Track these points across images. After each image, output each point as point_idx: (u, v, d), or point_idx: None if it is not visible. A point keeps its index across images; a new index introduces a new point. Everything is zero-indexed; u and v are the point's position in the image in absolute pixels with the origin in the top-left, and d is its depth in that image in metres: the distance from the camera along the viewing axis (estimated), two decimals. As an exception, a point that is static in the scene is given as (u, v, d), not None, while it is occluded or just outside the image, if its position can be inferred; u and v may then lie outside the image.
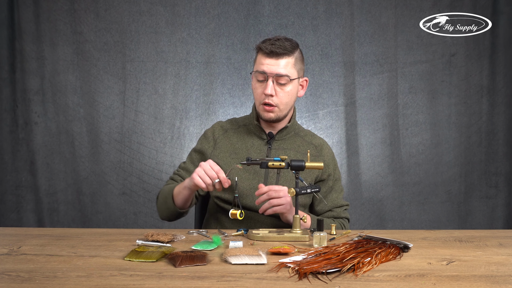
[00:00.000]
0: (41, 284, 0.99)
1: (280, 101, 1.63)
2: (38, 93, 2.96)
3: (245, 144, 1.71)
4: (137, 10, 2.98)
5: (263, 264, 1.12)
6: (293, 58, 1.62)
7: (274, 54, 1.59)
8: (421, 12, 2.99)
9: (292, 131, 1.75)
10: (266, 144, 1.71)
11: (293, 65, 1.62)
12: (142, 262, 1.14)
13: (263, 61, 1.61)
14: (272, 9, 3.00)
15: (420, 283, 1.00)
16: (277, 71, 1.59)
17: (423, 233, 1.52)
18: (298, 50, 1.66)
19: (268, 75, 1.60)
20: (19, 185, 2.99)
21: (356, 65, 3.01)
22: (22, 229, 1.71)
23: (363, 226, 3.01)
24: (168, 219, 1.74)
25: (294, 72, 1.63)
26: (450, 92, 3.02)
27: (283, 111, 1.66)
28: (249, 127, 1.75)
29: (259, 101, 1.65)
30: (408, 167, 3.02)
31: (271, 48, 1.59)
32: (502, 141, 3.01)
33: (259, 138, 1.73)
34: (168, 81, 3.01)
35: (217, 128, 1.79)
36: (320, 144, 1.77)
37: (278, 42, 1.60)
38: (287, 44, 1.61)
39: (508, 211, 3.03)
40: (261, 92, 1.62)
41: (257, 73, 1.63)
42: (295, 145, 1.73)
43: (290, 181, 1.66)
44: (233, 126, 1.79)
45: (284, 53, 1.60)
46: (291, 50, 1.61)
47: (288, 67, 1.61)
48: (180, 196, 1.63)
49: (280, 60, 1.60)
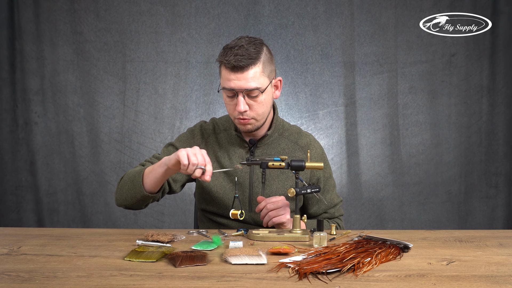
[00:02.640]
0: (41, 284, 0.99)
1: (256, 113, 1.52)
2: (38, 93, 2.96)
3: (227, 152, 1.64)
4: (137, 10, 2.98)
5: (263, 264, 1.12)
6: (260, 65, 1.48)
7: (238, 68, 1.45)
8: (421, 12, 2.99)
9: (276, 133, 1.65)
10: (247, 152, 1.63)
11: (261, 73, 1.48)
12: (142, 262, 1.14)
13: (229, 76, 1.47)
14: (272, 9, 2.99)
15: (420, 283, 1.00)
16: (246, 86, 1.46)
17: (423, 233, 1.52)
18: (264, 50, 1.51)
19: (237, 91, 1.48)
20: (19, 185, 2.99)
21: (356, 65, 3.01)
22: (22, 229, 1.71)
23: (363, 226, 3.01)
24: (127, 204, 1.55)
25: (265, 80, 1.50)
26: (450, 92, 3.02)
27: (261, 121, 1.56)
28: (230, 133, 1.66)
29: (233, 116, 1.55)
30: (408, 167, 3.02)
31: (233, 63, 1.44)
32: (502, 141, 3.01)
33: (240, 147, 1.64)
34: (168, 81, 3.01)
35: (202, 131, 1.69)
36: (306, 144, 1.67)
37: (240, 50, 1.45)
38: (251, 49, 1.46)
39: (508, 211, 3.03)
40: (233, 108, 1.51)
41: (225, 90, 1.50)
42: (279, 148, 1.64)
43: (283, 181, 1.63)
44: (215, 130, 1.69)
45: (249, 63, 1.45)
46: (256, 56, 1.47)
47: (256, 77, 1.47)
48: (152, 174, 1.47)
49: (246, 73, 1.45)
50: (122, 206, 1.58)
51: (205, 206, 1.67)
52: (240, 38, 1.51)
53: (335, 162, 3.02)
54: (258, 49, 1.49)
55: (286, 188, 1.61)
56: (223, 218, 1.65)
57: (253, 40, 1.50)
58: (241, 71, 1.46)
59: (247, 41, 1.48)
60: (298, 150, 1.66)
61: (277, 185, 1.62)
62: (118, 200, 1.58)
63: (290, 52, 3.00)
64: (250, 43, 1.48)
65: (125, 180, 1.55)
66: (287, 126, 1.71)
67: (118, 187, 1.58)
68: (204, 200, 1.67)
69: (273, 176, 1.62)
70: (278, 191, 1.61)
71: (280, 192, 1.60)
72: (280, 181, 1.62)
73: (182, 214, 2.97)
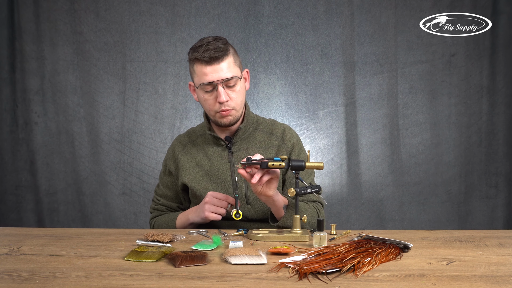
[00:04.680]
0: (41, 284, 0.99)
1: (236, 103, 1.60)
2: (38, 93, 2.96)
3: (205, 154, 1.70)
4: (137, 10, 2.98)
5: (263, 264, 1.12)
6: (231, 56, 1.58)
7: (214, 59, 1.53)
8: (421, 12, 2.99)
9: (250, 127, 1.71)
10: (225, 150, 1.69)
11: (233, 63, 1.58)
12: (142, 262, 1.14)
13: (205, 70, 1.54)
14: (272, 9, 2.99)
15: (420, 283, 1.00)
16: (224, 76, 1.55)
17: (423, 233, 1.52)
18: (229, 44, 1.61)
19: (216, 83, 1.55)
20: (19, 185, 2.99)
21: (356, 65, 3.01)
22: (22, 229, 1.71)
23: (363, 226, 3.01)
24: None
25: (238, 70, 1.60)
26: (450, 92, 3.02)
27: (239, 111, 1.64)
28: (206, 136, 1.73)
29: (214, 111, 1.61)
30: (408, 167, 3.02)
31: (209, 55, 1.52)
32: (502, 141, 3.01)
33: (217, 145, 1.70)
34: (168, 81, 3.01)
35: (176, 145, 1.77)
36: (281, 132, 1.72)
37: (210, 45, 1.54)
38: (219, 43, 1.55)
39: (508, 211, 3.03)
40: (213, 102, 1.58)
41: (203, 86, 1.56)
42: (255, 141, 1.70)
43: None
44: (191, 138, 1.77)
45: (222, 54, 1.54)
46: (226, 48, 1.56)
47: (230, 67, 1.56)
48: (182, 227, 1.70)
49: (221, 64, 1.54)
50: None
51: None
52: (204, 38, 1.59)
53: (335, 162, 3.02)
54: (225, 43, 1.58)
55: None
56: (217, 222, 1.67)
57: (217, 37, 1.59)
58: (216, 62, 1.54)
59: (213, 38, 1.58)
60: (274, 140, 1.70)
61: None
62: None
63: (290, 52, 3.00)
64: (216, 40, 1.57)
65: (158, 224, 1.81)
66: (261, 119, 1.78)
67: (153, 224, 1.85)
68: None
69: None
70: None
71: None
72: None
73: (182, 214, 2.97)
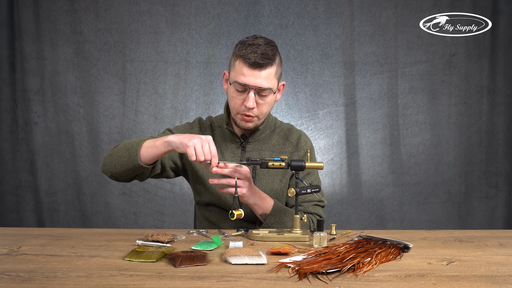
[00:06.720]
0: (41, 284, 0.99)
1: (260, 112, 1.56)
2: (38, 93, 2.96)
3: (219, 147, 1.66)
4: (137, 10, 2.98)
5: (263, 264, 1.12)
6: (275, 67, 1.52)
7: (257, 65, 1.48)
8: (421, 12, 2.99)
9: (268, 130, 1.69)
10: (239, 148, 1.66)
11: (274, 75, 1.53)
12: (142, 262, 1.14)
13: (245, 71, 1.49)
14: (272, 9, 2.99)
15: (420, 283, 1.00)
16: (260, 84, 1.49)
17: (423, 233, 1.52)
18: (278, 53, 1.55)
19: (250, 88, 1.50)
20: (19, 185, 2.99)
21: (356, 65, 3.01)
22: (22, 229, 1.71)
23: (363, 226, 3.01)
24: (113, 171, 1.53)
25: (275, 82, 1.55)
26: (450, 92, 3.02)
27: (261, 120, 1.61)
28: (223, 129, 1.69)
29: (236, 111, 1.57)
30: (408, 167, 3.02)
31: (254, 59, 1.47)
32: (502, 141, 3.01)
33: (232, 142, 1.67)
34: (168, 81, 3.01)
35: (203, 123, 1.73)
36: (296, 139, 1.70)
37: (259, 49, 1.48)
38: (269, 50, 1.50)
39: (508, 211, 3.03)
40: (240, 103, 1.54)
41: (237, 84, 1.52)
42: (270, 144, 1.67)
43: (273, 176, 1.63)
44: (212, 126, 1.72)
45: (267, 63, 1.49)
46: (273, 56, 1.51)
47: (270, 78, 1.51)
48: (151, 149, 1.46)
49: (262, 72, 1.49)
50: (107, 173, 1.55)
51: (198, 198, 1.68)
52: (256, 37, 1.53)
53: (335, 162, 3.02)
54: (274, 51, 1.53)
55: (275, 183, 1.63)
56: (217, 218, 1.66)
57: (269, 42, 1.53)
58: (259, 69, 1.49)
59: (264, 42, 1.52)
60: (288, 146, 1.68)
61: (267, 179, 1.63)
62: (105, 166, 1.55)
63: (290, 52, 3.00)
64: (267, 44, 1.51)
65: (119, 147, 1.53)
66: (279, 123, 1.75)
67: (109, 153, 1.56)
68: (198, 192, 1.68)
69: (264, 171, 1.64)
70: (267, 186, 1.62)
71: (270, 187, 1.62)
72: (270, 175, 1.63)
73: (182, 214, 2.97)
